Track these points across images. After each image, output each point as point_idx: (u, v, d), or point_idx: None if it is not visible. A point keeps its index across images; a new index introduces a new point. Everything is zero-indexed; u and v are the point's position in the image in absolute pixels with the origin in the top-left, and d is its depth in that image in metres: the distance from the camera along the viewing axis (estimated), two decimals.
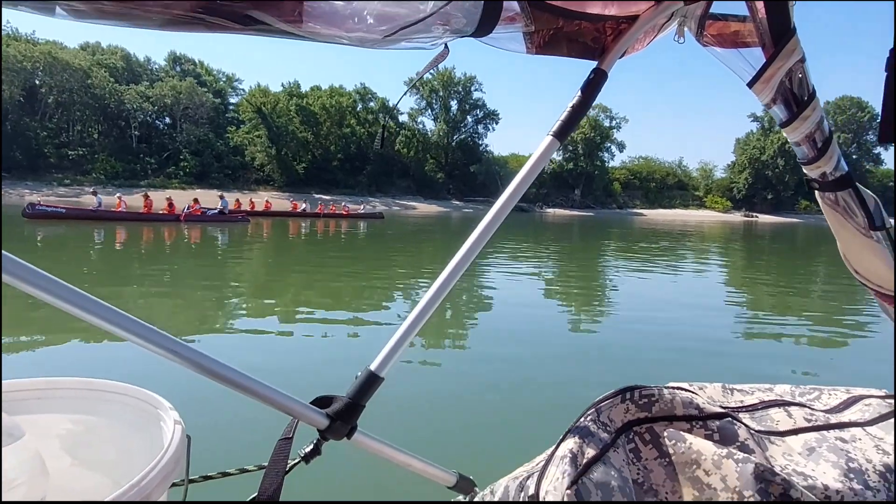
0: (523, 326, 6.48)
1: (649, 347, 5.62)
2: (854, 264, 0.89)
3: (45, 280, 0.54)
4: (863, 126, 63.86)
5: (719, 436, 0.67)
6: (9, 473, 0.62)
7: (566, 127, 0.83)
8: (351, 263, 11.64)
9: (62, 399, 0.79)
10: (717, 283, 11.57)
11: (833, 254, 2.61)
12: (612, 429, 0.69)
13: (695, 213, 62.74)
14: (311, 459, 0.79)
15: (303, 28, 0.55)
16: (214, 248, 13.77)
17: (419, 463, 0.93)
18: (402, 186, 54.33)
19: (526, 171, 0.84)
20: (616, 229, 31.21)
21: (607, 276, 11.70)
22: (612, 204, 63.25)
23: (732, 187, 67.20)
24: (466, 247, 0.83)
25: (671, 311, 7.62)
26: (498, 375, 4.48)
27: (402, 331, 0.82)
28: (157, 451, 0.63)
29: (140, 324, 0.62)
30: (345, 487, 2.51)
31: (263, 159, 49.37)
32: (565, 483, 0.61)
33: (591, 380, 4.43)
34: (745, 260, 17.22)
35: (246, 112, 51.46)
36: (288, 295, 7.80)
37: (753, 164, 65.14)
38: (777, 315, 7.88)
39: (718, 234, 31.73)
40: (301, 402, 0.75)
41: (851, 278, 0.96)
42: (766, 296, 9.71)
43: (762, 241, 27.23)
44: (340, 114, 53.61)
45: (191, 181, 45.10)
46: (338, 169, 52.35)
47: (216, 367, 0.67)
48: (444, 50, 0.75)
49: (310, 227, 23.13)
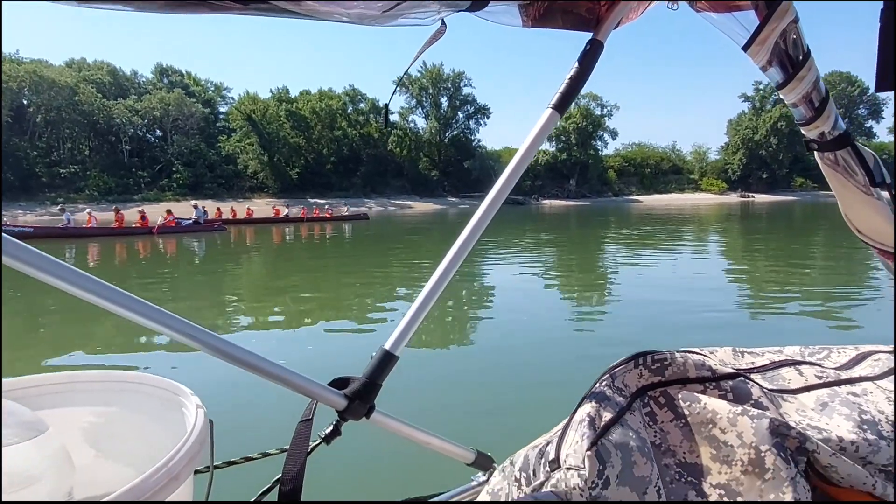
0: (528, 309, 6.51)
1: (656, 324, 5.61)
2: (856, 223, 0.89)
3: (51, 264, 0.53)
4: (853, 100, 63.84)
5: (733, 395, 0.68)
6: (35, 468, 0.62)
7: (565, 99, 0.83)
8: (335, 266, 11.48)
9: (83, 392, 0.80)
10: (718, 262, 11.52)
11: (831, 227, 2.54)
12: (627, 393, 0.70)
13: (691, 197, 62.74)
14: (332, 440, 0.80)
15: (302, 5, 0.55)
16: (191, 258, 13.56)
17: (437, 441, 0.93)
18: (396, 186, 54.21)
19: (528, 144, 0.84)
20: (613, 217, 31.11)
21: (608, 262, 11.65)
22: (607, 192, 63.18)
23: (727, 168, 67.17)
24: (473, 222, 0.84)
25: (674, 291, 7.60)
26: (508, 355, 4.52)
27: (415, 309, 0.83)
28: (179, 438, 0.63)
29: (157, 309, 0.62)
30: (365, 467, 2.52)
31: (256, 167, 49.20)
32: (585, 445, 0.62)
33: (601, 354, 4.38)
34: (745, 239, 17.18)
35: (236, 120, 51.24)
36: (267, 302, 7.70)
37: (747, 145, 65.08)
38: (781, 287, 7.89)
39: (716, 216, 31.70)
40: (319, 384, 0.76)
41: (851, 247, 0.91)
42: (769, 271, 9.67)
43: (760, 221, 27.22)
44: (331, 117, 53.43)
45: (185, 192, 44.93)
46: (331, 172, 52.19)
47: (235, 351, 0.67)
48: (442, 27, 0.74)
49: (294, 232, 22.80)
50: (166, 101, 48.49)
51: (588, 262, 11.65)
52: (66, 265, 0.55)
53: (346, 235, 20.84)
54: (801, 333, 5.36)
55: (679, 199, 59.76)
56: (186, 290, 8.63)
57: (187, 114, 49.19)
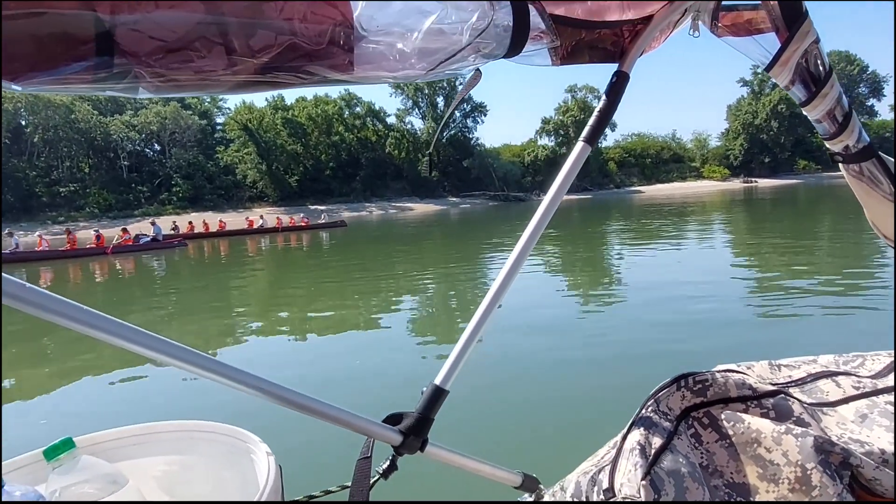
0: (545, 320, 6.39)
1: (684, 331, 5.47)
2: (884, 230, 0.90)
3: (66, 307, 0.53)
4: (854, 80, 63.12)
5: (775, 413, 0.70)
6: None
7: (595, 131, 0.87)
8: (308, 284, 11.15)
9: (159, 442, 0.85)
10: (731, 255, 11.32)
11: (839, 212, 2.29)
12: (673, 417, 0.71)
13: (693, 185, 62.19)
14: (390, 475, 0.82)
15: (353, 74, 0.59)
16: (151, 278, 13.27)
17: (486, 467, 0.96)
18: (396, 189, 53.98)
19: (561, 178, 0.87)
20: (616, 210, 30.81)
21: (620, 259, 11.51)
22: (609, 184, 62.72)
23: (728, 155, 66.56)
24: (513, 258, 0.86)
25: (694, 289, 7.44)
26: (538, 371, 4.54)
27: (462, 342, 0.85)
28: (249, 484, 0.66)
29: (216, 361, 0.64)
30: (419, 494, 2.62)
31: (255, 176, 49.11)
32: (639, 475, 0.63)
33: (633, 367, 4.35)
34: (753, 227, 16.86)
35: (233, 130, 51.18)
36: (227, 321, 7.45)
37: (747, 129, 64.48)
38: (805, 280, 7.64)
39: (720, 203, 31.34)
40: (375, 422, 0.79)
41: (862, 236, 0.90)
42: (780, 262, 9.41)
43: (765, 206, 26.84)
44: (327, 122, 53.25)
45: (185, 205, 44.91)
46: (331, 178, 52.02)
47: (295, 397, 0.70)
48: (477, 73, 0.78)
49: (269, 243, 22.45)
50: (162, 114, 48.46)
51: (600, 264, 11.51)
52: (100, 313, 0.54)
53: (323, 245, 20.58)
54: (827, 328, 5.18)
55: (681, 188, 59.26)
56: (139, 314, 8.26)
57: (184, 126, 49.15)
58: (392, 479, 0.83)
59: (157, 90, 0.50)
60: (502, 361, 4.85)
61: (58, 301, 0.51)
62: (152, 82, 0.48)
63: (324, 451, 3.07)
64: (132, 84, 0.48)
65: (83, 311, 0.52)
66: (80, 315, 0.52)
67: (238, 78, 0.52)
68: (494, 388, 4.19)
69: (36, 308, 0.50)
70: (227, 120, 54.64)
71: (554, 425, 3.43)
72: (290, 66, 0.54)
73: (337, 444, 1.18)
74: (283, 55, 0.52)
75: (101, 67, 0.44)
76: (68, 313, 0.51)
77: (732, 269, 9.34)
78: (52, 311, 0.50)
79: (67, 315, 0.51)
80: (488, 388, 4.19)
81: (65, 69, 0.42)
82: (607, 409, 3.35)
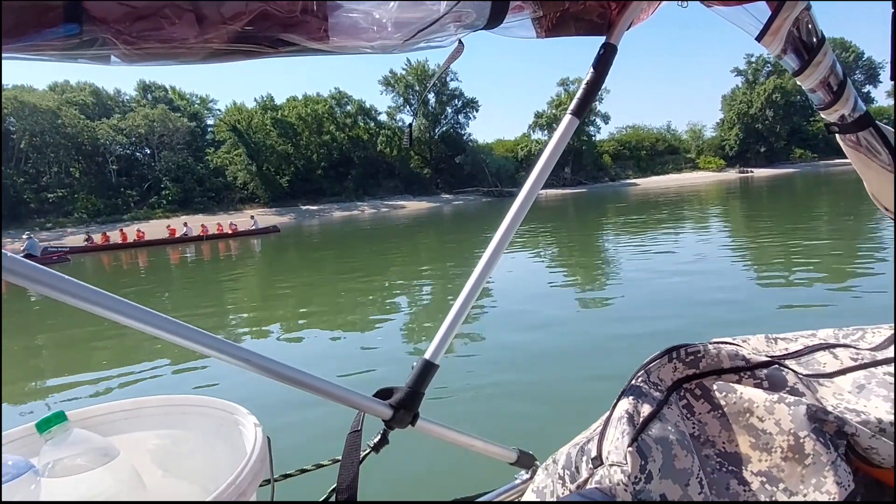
0: (542, 307, 6.39)
1: (677, 312, 5.49)
2: (883, 201, 0.88)
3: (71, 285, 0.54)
4: (849, 66, 62.52)
5: (768, 383, 0.69)
6: (110, 489, 0.67)
7: (583, 104, 0.85)
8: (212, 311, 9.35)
9: (149, 416, 0.86)
10: (726, 242, 11.16)
11: (832, 202, 1.82)
12: (664, 388, 0.71)
13: (689, 176, 61.65)
14: (381, 448, 0.84)
15: (329, 44, 0.58)
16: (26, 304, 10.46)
17: (480, 443, 0.96)
18: (389, 187, 53.47)
19: (549, 151, 0.86)
20: (611, 203, 30.31)
21: (614, 251, 11.33)
22: (604, 178, 62.20)
23: (724, 145, 65.97)
24: (500, 233, 0.86)
25: (689, 275, 7.39)
26: (532, 353, 4.60)
27: (451, 319, 0.86)
28: (239, 457, 0.67)
29: (206, 334, 0.64)
30: (413, 471, 2.61)
31: (245, 177, 48.56)
32: (626, 441, 0.63)
33: (628, 346, 4.41)
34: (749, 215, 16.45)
35: (222, 131, 50.59)
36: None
37: (742, 119, 63.91)
38: (800, 264, 7.53)
39: (715, 194, 30.88)
40: (365, 396, 0.79)
41: (861, 215, 0.90)
42: (777, 248, 9.18)
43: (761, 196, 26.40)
44: (318, 121, 52.65)
45: (174, 209, 44.38)
46: (322, 178, 51.48)
47: (285, 371, 0.71)
48: (459, 45, 0.77)
49: (195, 253, 20.25)
50: (150, 117, 47.86)
51: (594, 255, 11.20)
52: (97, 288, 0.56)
53: (255, 252, 19.23)
54: (830, 315, 4.94)
55: (677, 180, 58.74)
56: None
57: (172, 129, 48.56)
58: (383, 454, 0.83)
59: (129, 59, 0.49)
60: (498, 346, 4.91)
61: (51, 275, 0.52)
62: (123, 50, 0.47)
63: (316, 427, 3.09)
64: (103, 52, 0.47)
65: (74, 285, 0.54)
66: (71, 288, 0.53)
67: (211, 46, 0.52)
68: (490, 370, 4.23)
69: (33, 283, 0.51)
70: (216, 122, 54.06)
71: (551, 406, 3.43)
72: (264, 36, 0.53)
73: (330, 420, 1.27)
74: (256, 23, 0.51)
75: (71, 35, 0.43)
76: (60, 286, 0.52)
77: (727, 255, 9.11)
78: (45, 284, 0.51)
79: (58, 288, 0.52)
80: (484, 369, 4.25)
81: (35, 36, 0.42)
82: (603, 388, 3.29)
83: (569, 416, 3.13)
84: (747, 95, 64.21)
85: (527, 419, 3.28)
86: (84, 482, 0.65)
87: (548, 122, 61.07)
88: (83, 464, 0.67)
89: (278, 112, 52.41)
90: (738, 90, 66.56)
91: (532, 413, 3.36)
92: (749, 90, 64.64)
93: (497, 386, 3.90)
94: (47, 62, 0.47)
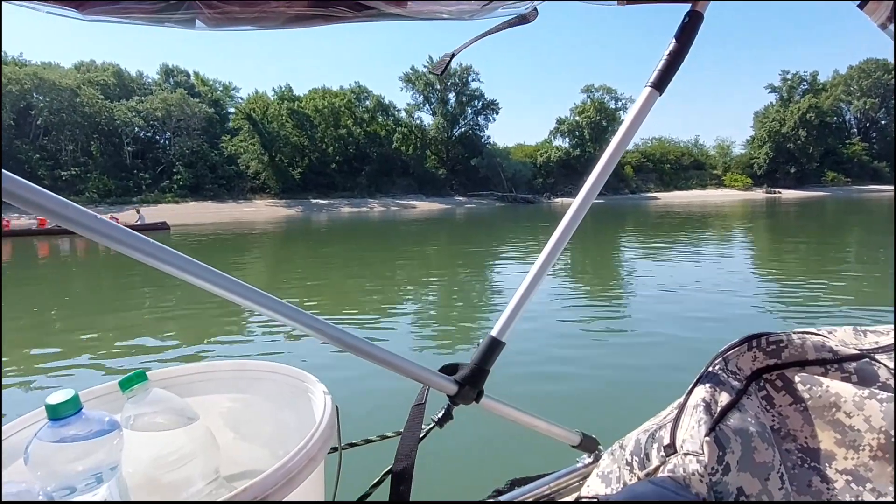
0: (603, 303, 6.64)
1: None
2: None
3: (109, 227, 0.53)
4: (890, 90, 59.68)
5: (857, 377, 0.64)
6: (185, 447, 0.70)
7: (664, 76, 0.80)
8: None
9: (222, 380, 0.88)
10: (756, 264, 9.86)
11: (866, 224, 7.21)
12: (742, 377, 0.68)
13: (714, 193, 59.45)
14: (444, 424, 0.83)
15: (408, 8, 0.57)
16: None
17: (543, 424, 0.94)
18: (402, 185, 52.53)
19: (626, 126, 0.83)
20: (630, 217, 28.79)
21: (679, 256, 10.77)
22: (624, 189, 60.26)
23: (752, 163, 63.51)
24: (574, 207, 0.86)
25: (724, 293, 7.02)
26: (601, 341, 4.82)
27: (519, 296, 0.85)
28: (307, 423, 0.68)
29: (279, 301, 0.65)
30: (474, 448, 2.66)
31: (257, 167, 48.13)
32: (703, 431, 0.60)
33: (693, 343, 4.52)
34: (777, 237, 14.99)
35: (237, 120, 50.27)
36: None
37: (773, 138, 61.43)
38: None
39: (741, 213, 29.17)
40: (431, 371, 0.79)
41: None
42: (805, 270, 8.32)
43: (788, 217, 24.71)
44: (335, 115, 51.99)
45: (185, 194, 44.15)
46: (335, 171, 50.80)
47: (355, 342, 0.72)
48: (533, 12, 0.75)
49: (70, 248, 17.18)
50: (169, 101, 47.76)
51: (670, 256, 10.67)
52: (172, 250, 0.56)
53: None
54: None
55: (701, 196, 56.66)
56: None
57: (190, 114, 48.38)
58: (446, 429, 0.82)
59: (213, 23, 0.49)
60: (566, 335, 4.98)
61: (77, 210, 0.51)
62: (207, 14, 0.48)
63: (380, 398, 3.22)
64: (189, 15, 0.47)
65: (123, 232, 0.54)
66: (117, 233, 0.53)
67: (293, 10, 0.51)
68: (547, 357, 4.26)
69: (36, 209, 0.49)
70: (235, 110, 53.80)
71: (617, 395, 3.47)
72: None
73: (400, 394, 1.23)
74: None
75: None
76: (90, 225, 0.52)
77: (752, 280, 8.49)
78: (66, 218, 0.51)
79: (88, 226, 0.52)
80: (543, 355, 4.29)
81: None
82: (670, 378, 3.48)
83: (635, 405, 3.05)
84: (780, 113, 61.76)
85: (587, 405, 3.32)
86: (161, 438, 0.69)
87: (570, 129, 59.50)
88: (161, 422, 0.70)
89: (295, 103, 51.88)
90: (772, 107, 64.14)
91: (595, 400, 3.41)
92: (783, 108, 62.18)
93: (558, 370, 3.95)
94: (132, 25, 0.47)
